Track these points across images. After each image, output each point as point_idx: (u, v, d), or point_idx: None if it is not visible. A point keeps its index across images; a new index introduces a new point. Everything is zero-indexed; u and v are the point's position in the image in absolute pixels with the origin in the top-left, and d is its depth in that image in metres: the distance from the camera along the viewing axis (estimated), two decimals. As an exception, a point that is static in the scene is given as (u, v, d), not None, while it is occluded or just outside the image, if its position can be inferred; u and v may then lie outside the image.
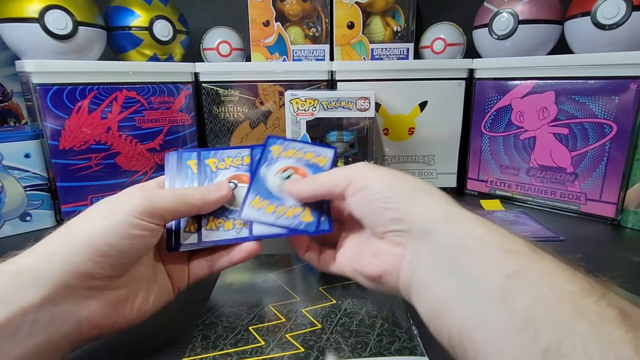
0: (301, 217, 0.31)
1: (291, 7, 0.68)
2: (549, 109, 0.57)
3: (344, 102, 0.58)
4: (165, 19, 0.64)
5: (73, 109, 0.54)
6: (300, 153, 0.35)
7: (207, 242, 0.31)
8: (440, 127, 0.68)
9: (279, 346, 0.29)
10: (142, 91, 0.60)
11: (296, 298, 0.36)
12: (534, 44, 0.61)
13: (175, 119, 0.64)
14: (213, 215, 0.32)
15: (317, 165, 0.34)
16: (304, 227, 0.31)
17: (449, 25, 0.69)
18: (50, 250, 0.24)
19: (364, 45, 0.70)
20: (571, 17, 0.57)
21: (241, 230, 0.31)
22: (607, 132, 0.53)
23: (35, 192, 0.53)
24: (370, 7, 0.68)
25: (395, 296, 0.33)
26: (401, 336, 0.31)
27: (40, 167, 0.53)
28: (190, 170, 0.33)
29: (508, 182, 0.65)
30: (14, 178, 0.51)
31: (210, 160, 0.34)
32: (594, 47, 0.55)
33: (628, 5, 0.50)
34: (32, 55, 0.55)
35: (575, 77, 0.54)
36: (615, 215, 0.54)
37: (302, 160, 0.34)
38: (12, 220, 0.52)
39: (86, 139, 0.55)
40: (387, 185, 0.27)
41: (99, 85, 0.56)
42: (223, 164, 0.34)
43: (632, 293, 0.36)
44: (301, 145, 0.35)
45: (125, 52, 0.64)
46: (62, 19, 0.54)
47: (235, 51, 0.71)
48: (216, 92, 0.68)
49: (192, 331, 0.31)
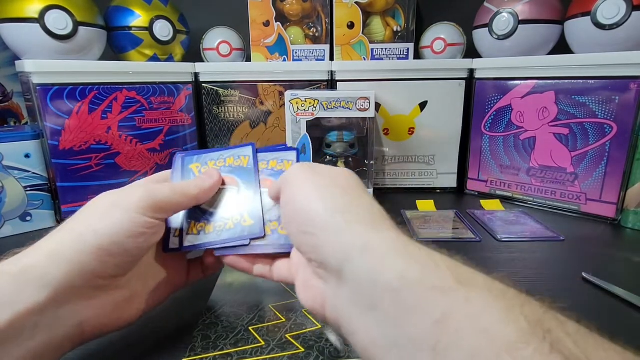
0: (242, 222, 0.31)
1: (291, 7, 0.68)
2: (549, 109, 0.57)
3: (344, 102, 0.58)
4: (165, 19, 0.64)
5: (73, 109, 0.54)
6: (230, 160, 0.34)
7: (189, 246, 0.31)
8: (440, 127, 0.68)
9: (279, 346, 0.29)
10: (143, 91, 0.60)
11: (296, 298, 0.36)
12: (534, 44, 0.61)
13: (176, 119, 0.64)
14: (194, 219, 0.32)
15: (283, 171, 0.34)
16: (247, 232, 0.31)
17: (449, 25, 0.69)
18: (55, 250, 0.23)
19: (364, 46, 0.70)
20: (571, 17, 0.57)
21: (222, 233, 0.31)
22: (607, 132, 0.53)
23: (36, 192, 0.53)
24: (371, 7, 0.68)
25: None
26: (401, 336, 0.31)
27: (40, 167, 0.53)
28: (192, 173, 0.34)
29: (508, 182, 0.64)
30: (14, 178, 0.51)
31: (193, 165, 0.34)
32: (594, 47, 0.55)
33: (628, 5, 0.50)
34: (33, 55, 0.55)
35: (575, 77, 0.54)
36: (615, 216, 0.54)
37: (267, 170, 0.34)
38: (13, 221, 0.52)
39: (86, 139, 0.55)
40: (307, 201, 0.23)
41: (99, 85, 0.56)
42: (206, 167, 0.34)
43: (630, 292, 0.36)
44: (219, 154, 0.35)
45: (126, 52, 0.64)
46: (62, 19, 0.54)
47: (235, 51, 0.71)
48: (216, 92, 0.68)
49: (192, 331, 0.31)
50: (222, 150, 0.35)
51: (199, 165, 0.34)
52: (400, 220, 0.57)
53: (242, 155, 0.35)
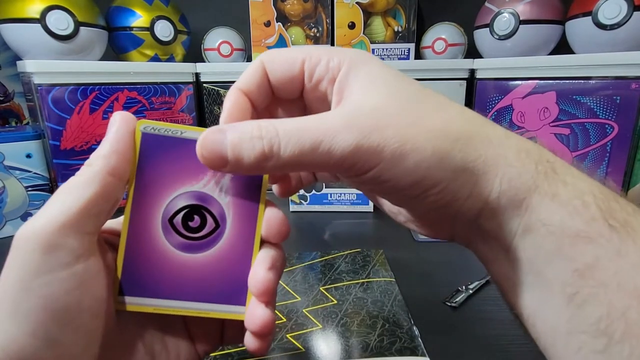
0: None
1: (292, 8, 0.68)
2: (550, 109, 0.57)
3: (344, 103, 0.58)
4: (166, 20, 0.64)
5: (74, 109, 0.54)
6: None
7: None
8: (441, 128, 0.68)
9: (280, 346, 0.29)
10: (144, 91, 0.60)
11: (297, 298, 0.36)
12: (535, 44, 0.61)
13: (177, 119, 0.64)
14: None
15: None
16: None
17: (450, 26, 0.69)
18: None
19: (365, 46, 0.70)
20: (572, 17, 0.56)
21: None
22: (608, 132, 0.53)
23: (37, 192, 0.53)
24: (371, 7, 0.68)
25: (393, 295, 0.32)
26: (402, 336, 0.31)
27: (41, 167, 0.53)
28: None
29: (509, 183, 0.64)
30: (15, 178, 0.51)
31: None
32: (595, 47, 0.54)
33: (629, 5, 0.50)
34: (34, 55, 0.55)
35: (576, 77, 0.54)
36: (616, 216, 0.54)
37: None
38: (14, 221, 0.52)
39: (87, 139, 0.55)
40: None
41: (100, 85, 0.56)
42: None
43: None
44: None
45: (127, 53, 0.65)
46: (63, 19, 0.54)
47: (236, 51, 0.71)
48: (217, 92, 0.68)
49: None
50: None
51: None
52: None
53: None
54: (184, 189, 0.19)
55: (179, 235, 0.19)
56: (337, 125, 0.16)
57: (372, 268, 0.42)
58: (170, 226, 0.19)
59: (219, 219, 0.19)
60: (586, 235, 0.15)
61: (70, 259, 0.16)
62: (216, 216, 0.19)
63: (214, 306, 0.19)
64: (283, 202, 0.63)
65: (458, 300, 0.37)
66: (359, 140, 0.15)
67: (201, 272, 0.19)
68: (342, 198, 0.62)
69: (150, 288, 0.19)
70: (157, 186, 0.19)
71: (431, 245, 0.50)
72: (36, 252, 0.15)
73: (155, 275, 0.19)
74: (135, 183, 0.19)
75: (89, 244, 0.17)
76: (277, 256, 0.20)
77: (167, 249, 0.19)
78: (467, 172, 0.16)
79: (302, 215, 0.62)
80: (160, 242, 0.19)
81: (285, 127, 0.16)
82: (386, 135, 0.15)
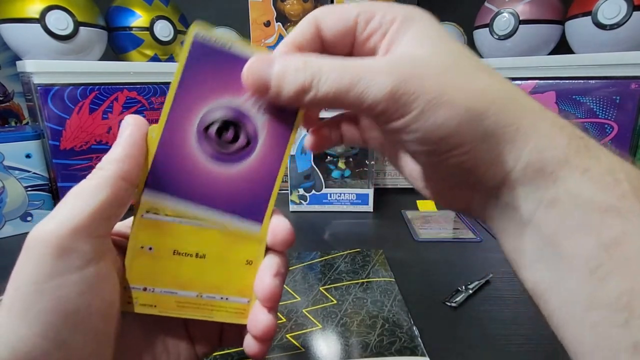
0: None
1: (292, 8, 0.68)
2: (549, 109, 0.57)
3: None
4: (166, 20, 0.64)
5: (74, 109, 0.54)
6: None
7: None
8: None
9: (280, 346, 0.29)
10: (143, 91, 0.60)
11: (297, 298, 0.36)
12: (535, 44, 0.61)
13: (176, 119, 0.64)
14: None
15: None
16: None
17: (450, 26, 0.69)
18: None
19: (364, 46, 0.70)
20: (572, 17, 0.56)
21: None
22: (608, 132, 0.53)
23: (36, 192, 0.53)
24: (371, 7, 0.68)
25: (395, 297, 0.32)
26: (402, 336, 0.31)
27: (41, 168, 0.53)
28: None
29: (509, 183, 0.64)
30: (15, 178, 0.51)
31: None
32: (594, 47, 0.54)
33: (629, 5, 0.50)
34: (33, 55, 0.55)
35: (576, 77, 0.54)
36: (616, 216, 0.54)
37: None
38: (13, 221, 0.52)
39: (87, 139, 0.55)
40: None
41: (100, 85, 0.56)
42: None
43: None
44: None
45: (126, 53, 0.64)
46: (63, 19, 0.54)
47: (235, 51, 0.71)
48: (217, 92, 0.68)
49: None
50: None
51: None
52: (400, 221, 0.57)
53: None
54: (223, 101, 0.19)
55: (210, 144, 0.20)
56: (378, 68, 0.16)
57: (371, 268, 0.42)
58: (204, 134, 0.20)
59: (251, 138, 0.20)
60: (616, 210, 0.15)
61: (82, 263, 0.16)
62: (250, 133, 0.20)
63: (230, 218, 0.20)
64: (283, 202, 0.63)
65: (458, 300, 0.37)
66: (396, 84, 0.16)
67: (225, 182, 0.20)
68: (342, 198, 0.62)
69: (174, 186, 0.20)
70: (198, 94, 0.19)
71: (431, 245, 0.50)
72: (48, 255, 0.15)
73: (181, 176, 0.20)
74: (177, 86, 0.19)
75: (100, 248, 0.17)
76: (282, 263, 0.20)
77: (197, 154, 0.20)
78: (496, 137, 0.16)
79: (302, 215, 0.62)
80: (192, 146, 0.20)
81: (328, 63, 0.17)
82: (424, 84, 0.16)
